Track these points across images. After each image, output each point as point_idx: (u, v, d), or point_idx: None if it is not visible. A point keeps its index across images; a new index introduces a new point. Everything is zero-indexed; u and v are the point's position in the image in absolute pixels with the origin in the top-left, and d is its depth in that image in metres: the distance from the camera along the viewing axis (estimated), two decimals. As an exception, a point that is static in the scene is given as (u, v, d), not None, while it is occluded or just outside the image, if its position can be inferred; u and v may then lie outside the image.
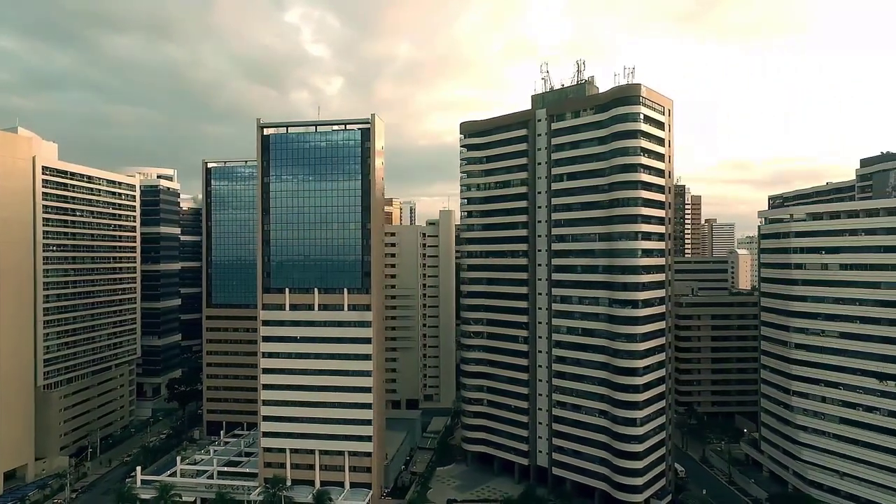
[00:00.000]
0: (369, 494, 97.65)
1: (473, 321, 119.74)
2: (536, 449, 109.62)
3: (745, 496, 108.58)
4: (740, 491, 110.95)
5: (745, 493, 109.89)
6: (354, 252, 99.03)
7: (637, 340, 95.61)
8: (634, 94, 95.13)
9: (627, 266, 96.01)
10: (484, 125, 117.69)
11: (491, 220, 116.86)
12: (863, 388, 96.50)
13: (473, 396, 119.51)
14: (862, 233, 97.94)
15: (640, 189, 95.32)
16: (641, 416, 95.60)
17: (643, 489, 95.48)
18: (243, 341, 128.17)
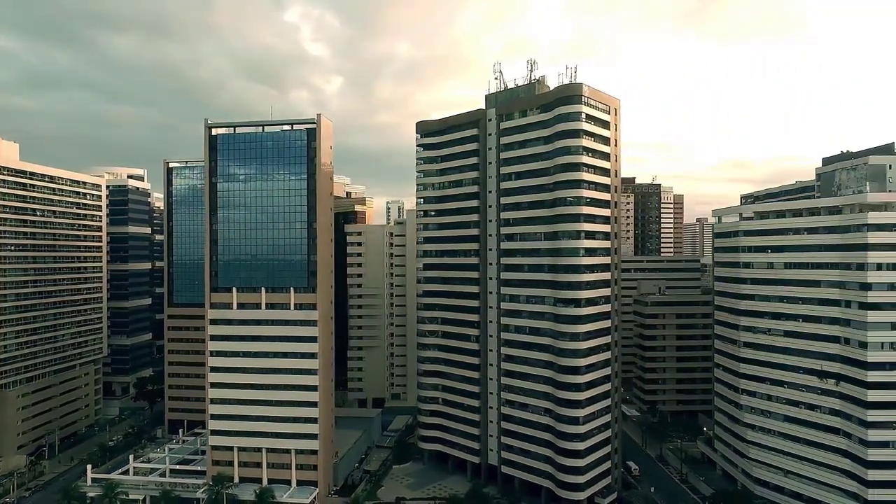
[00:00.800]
0: (314, 492, 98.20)
1: (429, 320, 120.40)
2: (488, 447, 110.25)
3: (695, 494, 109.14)
4: (691, 489, 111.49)
5: (696, 490, 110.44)
6: (300, 251, 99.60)
7: (579, 339, 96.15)
8: (576, 94, 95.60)
9: (570, 265, 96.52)
10: (438, 125, 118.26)
11: (445, 220, 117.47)
12: (805, 387, 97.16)
13: (429, 395, 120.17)
14: (804, 231, 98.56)
15: (582, 188, 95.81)
16: (583, 415, 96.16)
17: (585, 487, 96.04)
18: (203, 340, 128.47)
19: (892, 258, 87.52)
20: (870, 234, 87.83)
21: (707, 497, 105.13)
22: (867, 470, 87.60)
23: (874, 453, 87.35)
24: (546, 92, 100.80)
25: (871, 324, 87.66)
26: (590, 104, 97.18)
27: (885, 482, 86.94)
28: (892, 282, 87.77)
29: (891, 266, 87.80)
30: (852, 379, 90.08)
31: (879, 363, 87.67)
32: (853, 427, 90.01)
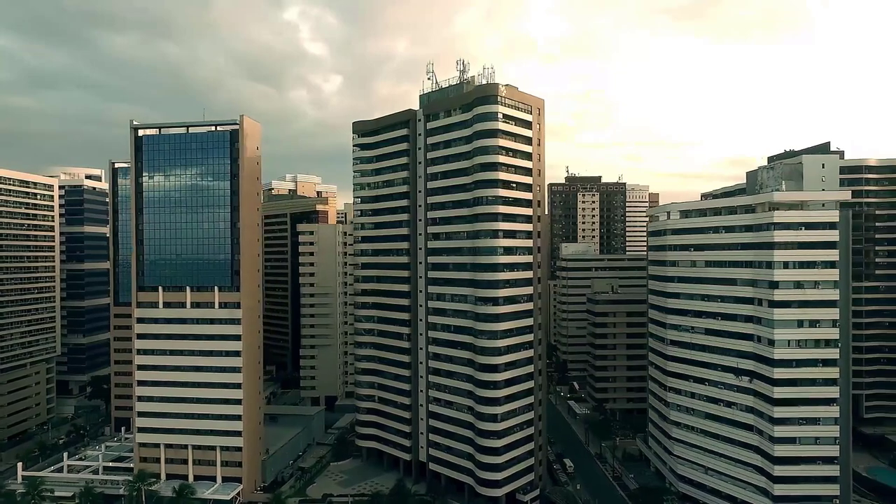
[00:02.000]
0: (238, 489, 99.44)
1: (364, 318, 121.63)
2: (418, 445, 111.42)
3: (624, 490, 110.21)
4: (621, 486, 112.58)
5: (625, 487, 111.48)
6: (224, 251, 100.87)
7: (497, 337, 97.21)
8: (492, 94, 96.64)
9: (487, 264, 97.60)
10: (373, 125, 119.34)
11: (379, 220, 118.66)
12: (724, 384, 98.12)
13: (365, 393, 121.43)
14: (722, 230, 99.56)
15: (499, 188, 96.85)
16: (502, 412, 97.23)
17: (503, 483, 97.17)
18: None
19: (797, 256, 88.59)
20: (776, 233, 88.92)
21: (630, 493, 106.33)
22: (774, 466, 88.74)
23: (780, 449, 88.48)
24: (467, 92, 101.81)
25: (778, 321, 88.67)
26: (508, 104, 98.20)
27: (790, 477, 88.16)
28: (797, 280, 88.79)
29: (796, 264, 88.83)
30: (762, 376, 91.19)
31: (786, 360, 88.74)
32: (763, 424, 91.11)
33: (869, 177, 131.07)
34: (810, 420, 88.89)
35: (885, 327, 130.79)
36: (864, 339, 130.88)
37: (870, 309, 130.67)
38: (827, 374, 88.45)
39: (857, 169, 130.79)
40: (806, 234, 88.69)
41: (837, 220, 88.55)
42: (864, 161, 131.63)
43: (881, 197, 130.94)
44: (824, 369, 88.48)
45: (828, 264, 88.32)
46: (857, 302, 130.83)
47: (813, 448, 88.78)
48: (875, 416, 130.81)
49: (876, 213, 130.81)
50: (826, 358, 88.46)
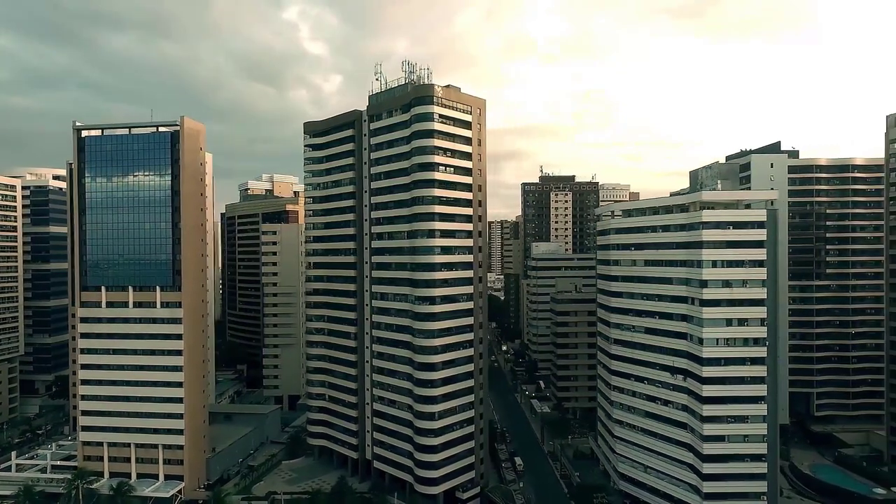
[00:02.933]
0: (178, 486, 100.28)
1: (315, 318, 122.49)
2: (365, 443, 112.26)
3: (570, 489, 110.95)
4: (568, 485, 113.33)
5: (572, 486, 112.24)
6: (165, 251, 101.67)
7: (434, 336, 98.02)
8: (428, 95, 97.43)
9: (424, 263, 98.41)
10: (323, 125, 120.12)
11: (329, 220, 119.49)
12: (661, 383, 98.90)
13: (316, 392, 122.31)
14: (659, 229, 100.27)
15: (434, 188, 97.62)
16: (439, 410, 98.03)
17: (440, 482, 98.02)
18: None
19: (725, 256, 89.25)
20: (704, 232, 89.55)
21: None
22: (703, 463, 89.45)
23: (709, 447, 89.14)
24: (406, 93, 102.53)
25: (707, 320, 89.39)
26: (444, 105, 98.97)
27: (719, 475, 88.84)
28: (726, 279, 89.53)
29: (725, 263, 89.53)
30: (693, 374, 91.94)
31: (714, 359, 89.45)
32: (694, 422, 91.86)
33: (820, 176, 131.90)
34: (739, 418, 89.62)
35: (836, 326, 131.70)
36: (815, 337, 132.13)
37: (821, 308, 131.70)
38: (755, 372, 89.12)
39: (808, 168, 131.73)
40: (734, 233, 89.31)
41: (765, 219, 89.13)
42: (814, 161, 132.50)
43: (832, 196, 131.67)
44: (752, 367, 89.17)
45: (756, 263, 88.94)
46: (808, 301, 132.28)
47: (742, 446, 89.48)
48: (826, 413, 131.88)
49: (827, 212, 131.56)
50: (754, 356, 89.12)
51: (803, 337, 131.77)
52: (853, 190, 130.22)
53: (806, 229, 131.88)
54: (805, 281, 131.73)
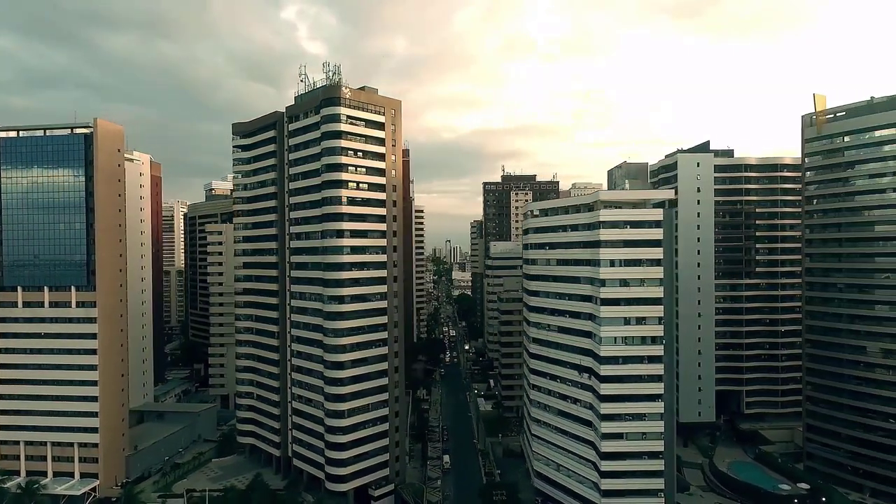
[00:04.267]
0: (92, 484, 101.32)
1: (244, 318, 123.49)
2: (287, 440, 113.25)
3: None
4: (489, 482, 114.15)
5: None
6: (80, 251, 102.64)
7: (342, 335, 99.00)
8: (335, 97, 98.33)
9: (333, 263, 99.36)
10: (249, 126, 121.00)
11: (254, 220, 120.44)
12: (571, 381, 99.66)
13: (244, 390, 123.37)
14: (569, 228, 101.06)
15: (342, 188, 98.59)
16: (347, 409, 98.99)
17: (349, 479, 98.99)
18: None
19: (621, 254, 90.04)
20: (602, 231, 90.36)
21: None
22: (601, 461, 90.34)
23: (607, 444, 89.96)
24: (317, 95, 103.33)
25: (605, 319, 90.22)
26: (353, 106, 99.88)
27: (617, 472, 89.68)
28: (623, 277, 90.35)
29: (622, 262, 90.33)
30: (595, 373, 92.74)
31: (612, 357, 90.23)
32: (596, 420, 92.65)
33: (749, 175, 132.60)
34: (637, 416, 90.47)
35: (766, 324, 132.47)
36: (745, 336, 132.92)
37: (750, 307, 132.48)
38: (652, 370, 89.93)
39: (737, 168, 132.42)
40: (631, 232, 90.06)
41: (662, 219, 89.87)
42: (744, 160, 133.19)
43: (761, 195, 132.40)
44: (650, 366, 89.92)
45: (653, 262, 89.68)
46: (738, 300, 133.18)
47: (639, 443, 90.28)
48: (756, 411, 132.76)
49: (756, 211, 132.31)
50: (652, 355, 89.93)
51: (733, 336, 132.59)
52: (782, 189, 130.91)
53: (736, 228, 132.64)
54: (735, 280, 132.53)
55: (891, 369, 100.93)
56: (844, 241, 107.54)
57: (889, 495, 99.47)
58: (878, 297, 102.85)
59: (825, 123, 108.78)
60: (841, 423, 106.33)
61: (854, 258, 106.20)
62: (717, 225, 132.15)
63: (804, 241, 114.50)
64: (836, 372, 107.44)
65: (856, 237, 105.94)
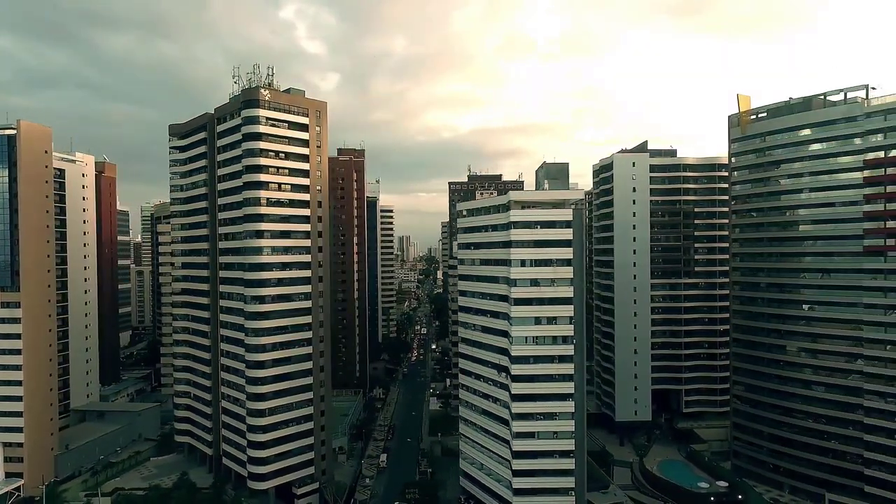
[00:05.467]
0: (16, 483, 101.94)
1: (180, 317, 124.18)
2: (218, 439, 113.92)
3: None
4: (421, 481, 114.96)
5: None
6: (4, 252, 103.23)
7: (262, 334, 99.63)
8: (254, 99, 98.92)
9: (253, 263, 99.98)
10: (184, 127, 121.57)
11: (189, 220, 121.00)
12: (491, 381, 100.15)
13: (181, 390, 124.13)
14: (490, 228, 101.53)
15: (261, 190, 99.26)
16: (268, 407, 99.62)
17: (269, 477, 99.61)
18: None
19: (532, 255, 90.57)
20: (512, 231, 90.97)
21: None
22: (513, 459, 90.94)
23: (518, 444, 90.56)
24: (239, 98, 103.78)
25: (516, 318, 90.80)
26: (274, 108, 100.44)
27: (528, 471, 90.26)
28: (534, 277, 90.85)
29: (533, 262, 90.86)
30: (508, 372, 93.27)
31: (524, 357, 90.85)
32: (509, 419, 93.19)
33: (688, 175, 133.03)
34: (548, 415, 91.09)
35: (705, 324, 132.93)
36: (684, 335, 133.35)
37: (689, 306, 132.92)
38: (563, 370, 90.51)
39: (676, 167, 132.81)
40: (541, 232, 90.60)
41: (572, 219, 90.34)
42: (682, 160, 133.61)
43: (700, 195, 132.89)
44: (560, 365, 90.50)
45: (564, 262, 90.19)
46: (677, 299, 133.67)
47: (551, 442, 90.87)
48: (695, 410, 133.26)
49: (695, 211, 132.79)
50: (562, 354, 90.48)
51: (673, 335, 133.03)
52: (720, 189, 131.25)
53: (675, 227, 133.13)
54: (674, 279, 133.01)
55: (808, 368, 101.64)
56: (766, 240, 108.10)
57: (807, 493, 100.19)
58: (797, 297, 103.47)
59: (749, 124, 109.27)
60: (763, 422, 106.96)
61: (774, 258, 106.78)
62: (657, 224, 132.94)
63: (731, 240, 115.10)
64: (758, 371, 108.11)
65: (776, 237, 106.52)
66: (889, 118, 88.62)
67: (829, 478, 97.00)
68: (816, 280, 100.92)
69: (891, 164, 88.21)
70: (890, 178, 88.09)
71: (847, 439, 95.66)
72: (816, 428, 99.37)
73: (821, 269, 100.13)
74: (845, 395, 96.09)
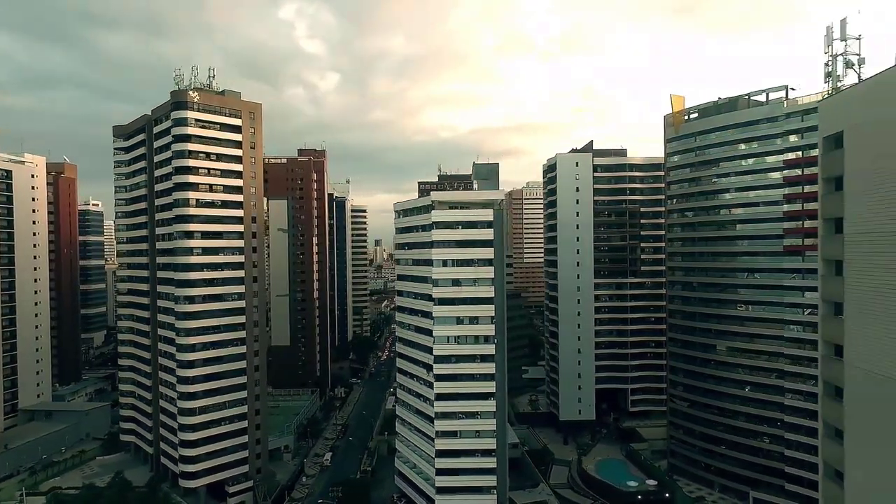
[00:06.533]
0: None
1: (125, 317, 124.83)
2: (157, 438, 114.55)
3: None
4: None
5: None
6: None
7: (191, 334, 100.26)
8: (182, 101, 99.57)
9: (183, 263, 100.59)
10: (127, 129, 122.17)
11: (132, 221, 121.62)
12: (422, 380, 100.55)
13: (126, 389, 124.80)
14: (420, 229, 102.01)
15: (189, 191, 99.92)
16: (197, 406, 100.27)
17: (200, 475, 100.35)
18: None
19: (453, 255, 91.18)
20: (434, 232, 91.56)
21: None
22: (435, 458, 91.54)
23: (441, 442, 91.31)
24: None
25: (437, 318, 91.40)
26: (204, 110, 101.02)
27: (450, 469, 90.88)
28: (456, 277, 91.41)
29: (455, 262, 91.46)
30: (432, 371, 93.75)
31: (445, 356, 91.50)
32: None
33: (634, 174, 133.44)
34: (470, 414, 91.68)
35: (651, 323, 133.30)
36: (630, 334, 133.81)
37: (635, 305, 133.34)
38: (484, 369, 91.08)
39: (622, 167, 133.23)
40: (463, 232, 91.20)
41: (493, 219, 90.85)
42: (628, 160, 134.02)
43: (646, 195, 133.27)
44: (482, 365, 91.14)
45: (485, 262, 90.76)
46: (623, 299, 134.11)
47: (473, 441, 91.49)
48: (641, 409, 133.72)
49: (641, 210, 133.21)
50: (484, 354, 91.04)
51: (619, 334, 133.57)
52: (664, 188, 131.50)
53: (622, 227, 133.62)
54: (620, 279, 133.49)
55: (740, 368, 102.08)
56: (698, 240, 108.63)
57: (735, 491, 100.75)
58: (729, 297, 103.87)
59: (682, 124, 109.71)
60: (696, 421, 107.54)
61: (706, 257, 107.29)
62: (604, 224, 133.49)
63: (668, 240, 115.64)
64: (692, 370, 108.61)
65: (708, 237, 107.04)
66: (806, 119, 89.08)
67: (755, 476, 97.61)
68: (744, 280, 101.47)
69: (808, 164, 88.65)
70: (807, 177, 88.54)
71: (773, 438, 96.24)
72: (745, 427, 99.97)
73: (748, 269, 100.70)
74: (770, 395, 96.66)
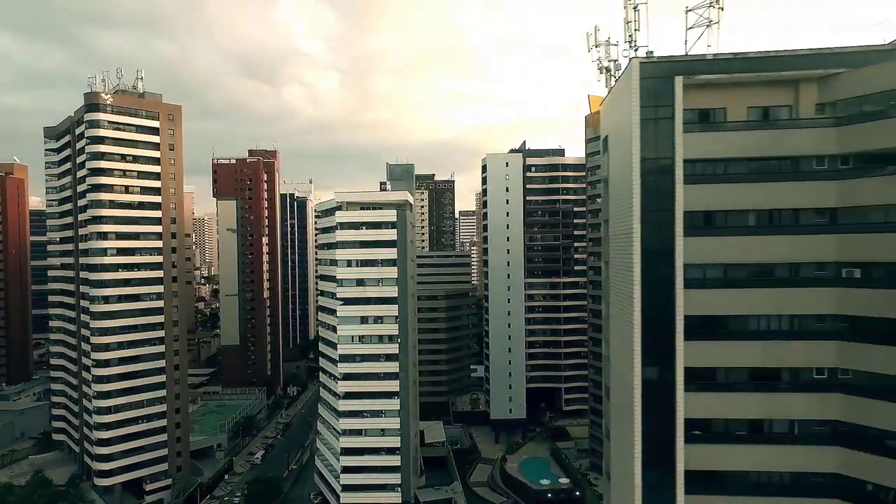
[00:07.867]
0: None
1: (55, 317, 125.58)
2: (82, 437, 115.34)
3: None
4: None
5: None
6: None
7: (106, 334, 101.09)
8: (94, 103, 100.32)
9: (96, 264, 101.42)
10: (56, 130, 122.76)
11: (61, 222, 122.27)
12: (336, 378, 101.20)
13: (57, 388, 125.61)
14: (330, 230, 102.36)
15: (102, 192, 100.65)
16: (112, 405, 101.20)
17: (114, 473, 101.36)
18: None
19: (358, 255, 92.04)
20: (338, 233, 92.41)
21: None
22: (340, 456, 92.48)
23: (345, 441, 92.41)
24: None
25: (342, 318, 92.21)
26: (119, 112, 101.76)
27: (355, 467, 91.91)
28: (360, 277, 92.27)
29: (359, 262, 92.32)
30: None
31: (350, 355, 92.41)
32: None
33: (567, 174, 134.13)
34: (374, 413, 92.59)
35: (584, 322, 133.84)
36: (564, 333, 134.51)
37: (569, 304, 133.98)
38: (389, 368, 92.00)
39: (554, 167, 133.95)
40: (367, 233, 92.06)
41: (396, 220, 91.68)
42: (562, 160, 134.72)
43: (579, 194, 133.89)
44: (386, 364, 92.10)
45: (389, 262, 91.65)
46: (557, 298, 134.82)
47: (378, 439, 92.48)
48: (574, 408, 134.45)
49: (575, 210, 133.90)
50: (388, 353, 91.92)
51: (553, 333, 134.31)
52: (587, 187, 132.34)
53: (555, 227, 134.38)
54: (553, 278, 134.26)
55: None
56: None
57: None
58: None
59: (598, 124, 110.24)
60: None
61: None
62: (537, 224, 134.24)
63: (587, 240, 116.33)
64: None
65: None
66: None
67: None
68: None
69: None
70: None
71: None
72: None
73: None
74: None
